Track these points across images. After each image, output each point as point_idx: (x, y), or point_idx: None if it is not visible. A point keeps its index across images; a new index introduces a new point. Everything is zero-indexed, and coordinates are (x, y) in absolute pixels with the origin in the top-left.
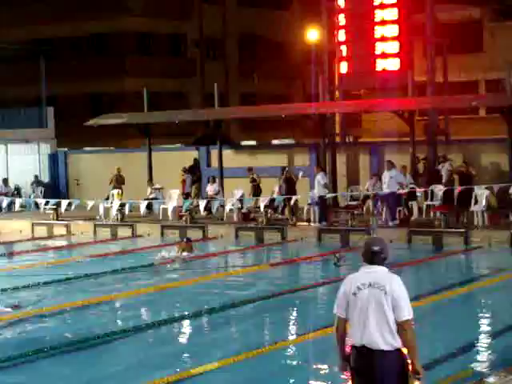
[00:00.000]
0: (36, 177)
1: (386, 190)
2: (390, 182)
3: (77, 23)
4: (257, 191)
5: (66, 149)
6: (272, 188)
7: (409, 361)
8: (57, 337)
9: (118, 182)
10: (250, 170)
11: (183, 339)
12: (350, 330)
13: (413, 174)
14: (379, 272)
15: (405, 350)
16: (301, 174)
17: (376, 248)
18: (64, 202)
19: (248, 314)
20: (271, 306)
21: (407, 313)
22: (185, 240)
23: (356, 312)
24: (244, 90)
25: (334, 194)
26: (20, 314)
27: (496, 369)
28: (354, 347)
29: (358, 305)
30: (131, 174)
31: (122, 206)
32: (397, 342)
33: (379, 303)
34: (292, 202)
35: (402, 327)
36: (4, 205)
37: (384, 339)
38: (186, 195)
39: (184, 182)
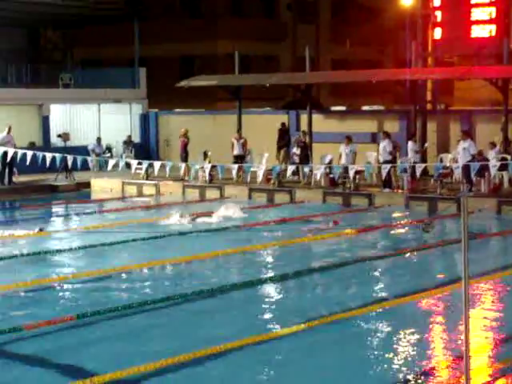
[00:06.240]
0: (129, 137)
1: (459, 160)
2: (463, 152)
3: None
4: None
5: (156, 110)
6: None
7: None
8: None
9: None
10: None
11: (268, 301)
12: None
13: None
14: None
15: None
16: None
17: None
18: (156, 164)
19: (333, 279)
20: (356, 272)
21: None
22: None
23: None
24: (335, 55)
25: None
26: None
27: None
28: None
29: None
30: (220, 136)
31: (213, 167)
32: None
33: None
34: (385, 172)
35: None
36: (92, 163)
37: None
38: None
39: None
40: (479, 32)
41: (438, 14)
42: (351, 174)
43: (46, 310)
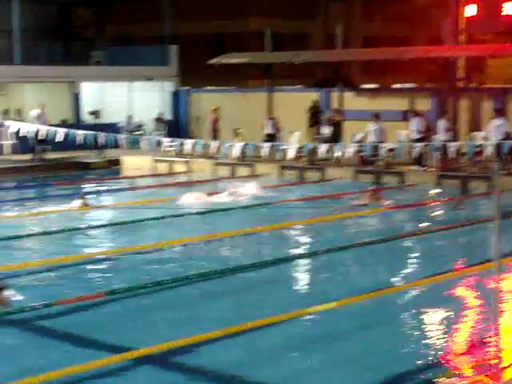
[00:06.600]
0: (161, 114)
1: (491, 138)
2: (495, 130)
3: None
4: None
5: (188, 87)
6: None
7: None
8: None
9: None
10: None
11: (299, 278)
12: None
13: None
14: None
15: None
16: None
17: None
18: (189, 142)
19: (363, 257)
20: (387, 250)
21: None
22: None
23: None
24: (367, 32)
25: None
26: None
27: None
28: None
29: None
30: (250, 113)
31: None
32: None
33: None
34: (416, 150)
35: None
36: (126, 141)
37: None
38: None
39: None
40: (511, 9)
41: None
42: (383, 152)
43: (77, 286)
